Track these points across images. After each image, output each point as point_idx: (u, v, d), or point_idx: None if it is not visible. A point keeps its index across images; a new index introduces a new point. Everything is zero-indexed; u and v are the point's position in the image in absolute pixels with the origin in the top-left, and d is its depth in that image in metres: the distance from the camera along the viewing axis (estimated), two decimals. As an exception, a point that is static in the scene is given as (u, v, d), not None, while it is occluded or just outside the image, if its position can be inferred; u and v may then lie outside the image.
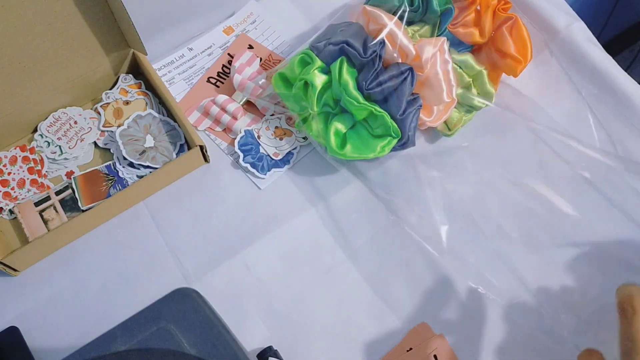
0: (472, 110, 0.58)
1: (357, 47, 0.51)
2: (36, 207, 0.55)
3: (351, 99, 0.51)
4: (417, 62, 0.52)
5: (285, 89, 0.56)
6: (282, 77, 0.56)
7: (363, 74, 0.52)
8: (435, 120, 0.55)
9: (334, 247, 0.54)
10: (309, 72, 0.52)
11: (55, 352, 0.48)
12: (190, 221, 0.56)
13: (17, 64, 0.53)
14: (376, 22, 0.52)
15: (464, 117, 0.58)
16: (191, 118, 0.60)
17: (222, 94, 0.61)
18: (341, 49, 0.52)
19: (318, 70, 0.53)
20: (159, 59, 0.64)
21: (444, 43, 0.53)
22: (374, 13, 0.52)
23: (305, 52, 0.54)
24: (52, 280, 0.53)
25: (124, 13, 0.52)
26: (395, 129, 0.52)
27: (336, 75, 0.52)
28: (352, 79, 0.52)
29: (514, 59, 0.56)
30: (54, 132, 0.58)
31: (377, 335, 0.51)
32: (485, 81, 0.56)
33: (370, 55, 0.51)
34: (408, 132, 0.52)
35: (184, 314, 0.43)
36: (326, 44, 0.52)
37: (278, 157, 0.58)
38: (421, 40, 0.53)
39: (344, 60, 0.52)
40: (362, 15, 0.54)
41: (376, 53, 0.51)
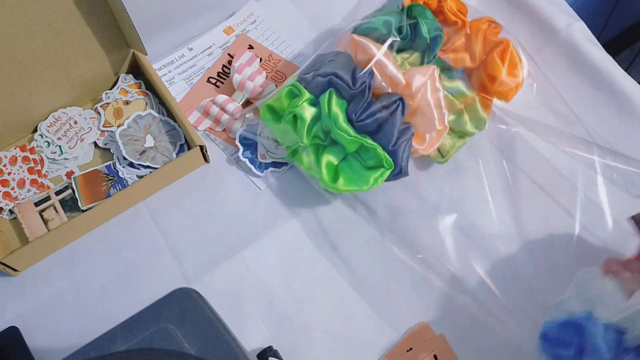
0: (464, 136, 0.56)
1: (345, 79, 0.50)
2: (36, 207, 0.55)
3: (341, 132, 0.50)
4: (407, 91, 0.51)
5: (274, 121, 0.54)
6: (270, 109, 0.55)
7: (353, 105, 0.51)
8: (427, 148, 0.54)
9: (334, 247, 0.54)
10: (297, 105, 0.51)
11: (55, 352, 0.48)
12: (190, 221, 0.56)
13: (17, 64, 0.53)
14: (364, 52, 0.52)
15: (457, 143, 0.56)
16: (191, 118, 0.60)
17: (222, 94, 0.61)
18: (329, 81, 0.51)
19: (307, 103, 0.52)
20: (159, 59, 0.64)
21: (435, 71, 0.52)
22: (362, 43, 0.52)
23: (294, 84, 0.53)
24: (52, 280, 0.53)
25: (124, 13, 0.52)
26: (388, 160, 0.51)
27: (325, 108, 0.51)
28: (341, 111, 0.51)
29: (505, 84, 0.55)
30: (54, 132, 0.58)
31: (377, 335, 0.51)
32: (478, 107, 0.55)
33: (359, 87, 0.50)
34: (401, 162, 0.51)
35: (184, 314, 0.43)
36: (314, 76, 0.51)
37: (264, 159, 0.58)
38: (411, 70, 0.52)
39: (332, 92, 0.51)
40: (350, 45, 0.53)
41: (365, 84, 0.50)
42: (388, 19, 0.54)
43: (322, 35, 0.66)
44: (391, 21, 0.54)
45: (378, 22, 0.54)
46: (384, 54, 0.51)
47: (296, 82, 0.53)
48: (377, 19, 0.55)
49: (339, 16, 0.67)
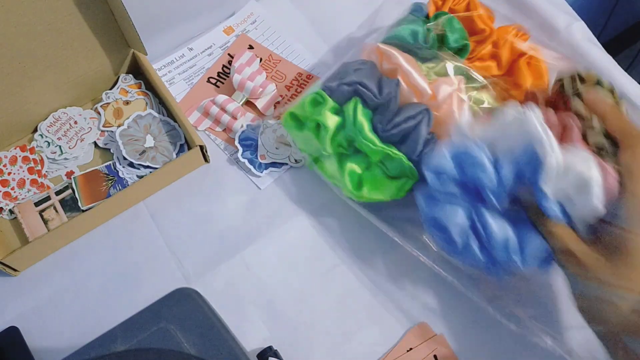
0: None
1: (371, 89, 0.50)
2: (36, 207, 0.55)
3: (367, 141, 0.49)
4: (433, 101, 0.50)
5: (296, 128, 0.54)
6: (293, 117, 0.54)
7: (378, 115, 0.50)
8: None
9: (334, 247, 0.54)
10: (321, 113, 0.51)
11: (55, 352, 0.48)
12: (190, 221, 0.56)
13: (17, 64, 0.53)
14: (390, 62, 0.51)
15: None
16: (191, 118, 0.60)
17: (222, 94, 0.61)
18: (355, 90, 0.50)
19: (331, 111, 0.51)
20: (159, 59, 0.64)
21: (461, 82, 0.52)
22: (388, 52, 0.51)
23: (318, 92, 0.52)
24: (52, 280, 0.53)
25: (124, 13, 0.52)
26: (413, 170, 0.50)
27: (350, 117, 0.50)
28: (367, 120, 0.50)
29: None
30: (54, 132, 0.58)
31: (377, 335, 0.51)
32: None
33: (385, 97, 0.50)
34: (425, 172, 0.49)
35: (184, 314, 0.43)
36: (339, 84, 0.51)
37: (264, 160, 0.58)
38: (438, 80, 0.52)
39: (358, 101, 0.50)
40: (375, 54, 0.53)
41: (392, 94, 0.50)
42: (415, 28, 0.54)
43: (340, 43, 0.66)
44: (418, 31, 0.54)
45: (405, 31, 0.54)
46: (410, 64, 0.51)
47: (320, 90, 0.52)
48: (404, 29, 0.54)
49: (339, 16, 0.67)
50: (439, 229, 0.46)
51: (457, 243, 0.45)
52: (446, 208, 0.45)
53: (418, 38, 0.54)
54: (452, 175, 0.45)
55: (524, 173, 0.43)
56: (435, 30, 0.54)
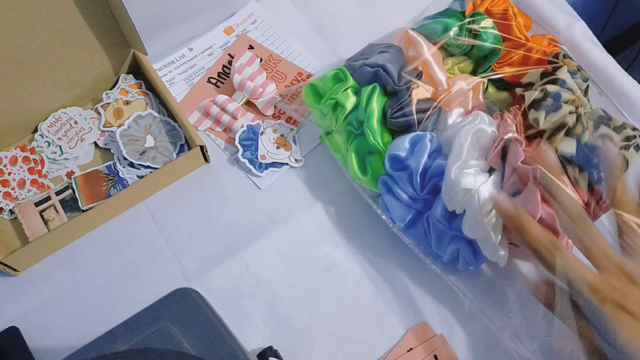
0: None
1: (392, 74, 0.50)
2: (36, 207, 0.55)
3: (370, 131, 0.50)
4: (446, 96, 0.51)
5: (315, 100, 0.55)
6: (313, 89, 0.55)
7: (392, 101, 0.51)
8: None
9: (334, 247, 0.54)
10: (340, 92, 0.52)
11: (55, 352, 0.48)
12: (190, 221, 0.56)
13: (17, 64, 0.53)
14: (415, 50, 0.52)
15: None
16: (191, 118, 0.60)
17: (222, 94, 0.61)
18: (376, 73, 0.51)
19: (351, 91, 0.52)
20: (159, 59, 0.64)
21: (481, 84, 0.52)
22: (416, 40, 0.52)
23: (341, 68, 0.53)
24: (52, 280, 0.53)
25: (124, 13, 0.52)
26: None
27: (364, 101, 0.51)
28: (379, 108, 0.51)
29: None
30: (54, 132, 0.58)
31: (377, 335, 0.51)
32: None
33: (403, 85, 0.50)
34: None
35: (184, 314, 0.43)
36: (362, 65, 0.52)
37: (264, 160, 0.58)
38: (457, 76, 0.52)
39: (376, 88, 0.51)
40: (404, 40, 0.53)
41: (410, 84, 0.50)
42: (449, 23, 0.55)
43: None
44: (450, 26, 0.54)
45: (438, 24, 0.55)
46: (434, 55, 0.51)
47: (343, 67, 0.53)
48: (438, 21, 0.55)
49: (339, 16, 0.67)
50: (387, 212, 0.52)
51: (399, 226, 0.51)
52: (392, 201, 0.51)
53: (449, 33, 0.54)
54: (402, 157, 0.49)
55: (435, 175, 0.48)
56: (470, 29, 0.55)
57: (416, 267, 0.53)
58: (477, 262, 0.49)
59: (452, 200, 0.47)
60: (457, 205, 0.46)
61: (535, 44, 0.56)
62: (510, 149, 0.46)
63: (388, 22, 0.67)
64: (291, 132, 0.59)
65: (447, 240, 0.49)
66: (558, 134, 0.48)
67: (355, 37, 0.66)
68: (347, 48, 0.65)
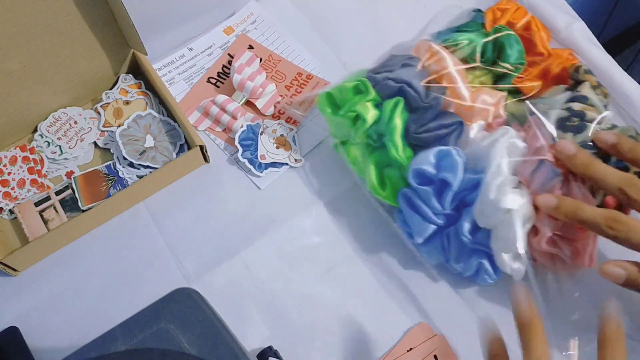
0: None
1: (419, 91, 0.50)
2: (36, 207, 0.55)
3: (392, 145, 0.50)
4: (469, 111, 0.51)
5: (331, 110, 0.54)
6: (330, 98, 0.54)
7: (416, 116, 0.50)
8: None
9: (334, 247, 0.54)
10: (360, 103, 0.51)
11: (55, 352, 0.48)
12: (190, 221, 0.56)
13: (17, 64, 0.53)
14: (439, 64, 0.51)
15: None
16: (191, 118, 0.60)
17: (222, 94, 0.61)
18: (401, 89, 0.50)
19: (371, 104, 0.51)
20: (159, 59, 0.64)
21: (502, 99, 0.52)
22: (440, 54, 0.51)
23: (362, 80, 0.52)
24: (52, 280, 0.53)
25: (124, 13, 0.52)
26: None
27: (386, 116, 0.50)
28: (402, 124, 0.50)
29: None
30: (54, 132, 0.58)
31: (377, 335, 0.51)
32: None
33: (430, 102, 0.50)
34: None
35: (184, 314, 0.43)
36: (385, 78, 0.51)
37: (264, 160, 0.57)
38: (480, 91, 0.52)
39: (400, 102, 0.50)
40: (425, 52, 0.53)
41: (436, 101, 0.50)
42: (473, 39, 0.54)
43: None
44: (476, 43, 0.54)
45: (462, 39, 0.54)
46: (458, 70, 0.51)
47: (365, 80, 0.52)
48: (462, 36, 0.55)
49: (339, 16, 0.67)
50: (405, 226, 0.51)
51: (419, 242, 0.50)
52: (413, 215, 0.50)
53: (475, 49, 0.54)
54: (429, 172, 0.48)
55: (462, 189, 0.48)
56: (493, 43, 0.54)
57: (416, 267, 0.53)
58: (497, 275, 0.49)
59: (486, 217, 0.46)
60: (492, 222, 0.46)
61: (556, 58, 0.55)
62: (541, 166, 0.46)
63: (388, 23, 0.67)
64: (291, 132, 0.59)
65: (468, 255, 0.49)
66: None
67: (355, 37, 0.66)
68: (347, 48, 0.65)
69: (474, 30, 0.57)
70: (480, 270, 0.49)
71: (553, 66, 0.56)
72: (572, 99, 0.50)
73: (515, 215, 0.44)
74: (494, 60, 0.55)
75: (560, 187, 0.46)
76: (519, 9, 0.59)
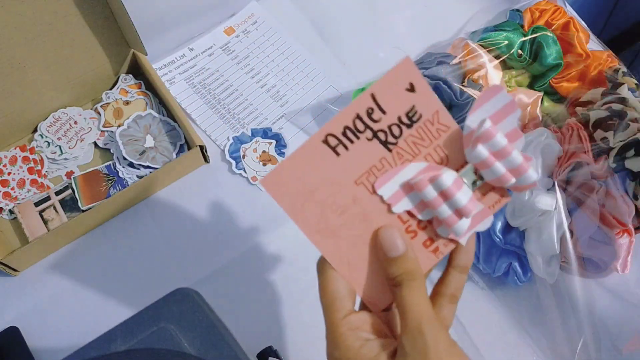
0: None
1: (454, 89, 0.50)
2: (36, 207, 0.55)
3: None
4: None
5: None
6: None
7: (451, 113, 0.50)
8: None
9: (334, 247, 0.54)
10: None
11: (55, 352, 0.48)
12: (190, 221, 0.56)
13: (17, 64, 0.53)
14: (475, 62, 0.51)
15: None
16: (384, 190, 0.34)
17: (348, 162, 0.33)
18: (436, 86, 0.51)
19: None
20: (159, 59, 0.64)
21: (539, 98, 0.52)
22: (477, 52, 0.51)
23: None
24: (52, 280, 0.53)
25: (124, 13, 0.52)
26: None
27: None
28: None
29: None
30: (54, 132, 0.58)
31: (377, 335, 0.51)
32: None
33: (464, 100, 0.50)
34: None
35: (184, 314, 0.43)
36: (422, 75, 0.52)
37: (256, 181, 0.57)
38: (517, 91, 0.52)
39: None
40: (462, 50, 0.53)
41: (471, 99, 0.50)
42: (511, 37, 0.54)
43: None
44: (514, 41, 0.54)
45: (500, 37, 0.54)
46: (495, 69, 0.51)
47: None
48: (499, 35, 0.55)
49: (340, 17, 0.67)
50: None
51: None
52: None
53: (512, 48, 0.54)
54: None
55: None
56: (532, 43, 0.54)
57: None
58: (525, 277, 0.49)
59: (519, 218, 0.46)
60: (527, 224, 0.46)
61: (595, 59, 0.55)
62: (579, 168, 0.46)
63: (388, 23, 0.67)
64: (271, 146, 0.59)
65: (496, 255, 0.49)
66: (628, 151, 0.47)
67: (355, 37, 0.66)
68: (347, 48, 0.65)
69: (513, 29, 0.56)
70: (509, 271, 0.49)
71: (591, 68, 0.56)
72: (611, 101, 0.50)
73: (551, 217, 0.44)
74: (531, 60, 0.54)
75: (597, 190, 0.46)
76: (558, 9, 0.59)
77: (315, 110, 0.61)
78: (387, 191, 0.34)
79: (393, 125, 0.33)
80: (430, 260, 0.34)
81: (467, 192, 0.33)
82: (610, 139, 0.48)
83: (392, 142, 0.33)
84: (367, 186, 0.34)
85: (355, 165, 0.33)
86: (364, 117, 0.33)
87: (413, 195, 0.34)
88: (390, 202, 0.34)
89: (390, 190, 0.34)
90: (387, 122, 0.33)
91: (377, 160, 0.33)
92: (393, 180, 0.34)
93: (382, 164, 0.34)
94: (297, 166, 0.33)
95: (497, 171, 0.32)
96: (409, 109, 0.33)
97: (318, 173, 0.33)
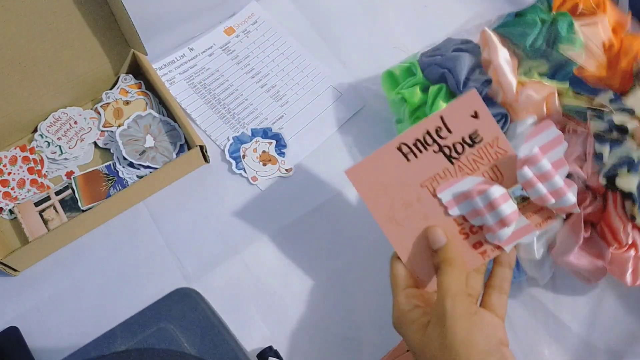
0: None
1: (458, 78, 0.50)
2: (36, 207, 0.55)
3: None
4: (515, 104, 0.50)
5: (391, 87, 0.57)
6: (390, 76, 0.57)
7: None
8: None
9: (334, 247, 0.54)
10: (408, 87, 0.53)
11: (55, 352, 0.48)
12: (190, 221, 0.56)
13: (17, 64, 0.53)
14: (489, 53, 0.50)
15: None
16: (443, 195, 0.41)
17: (415, 168, 0.40)
18: (443, 74, 0.51)
19: (419, 88, 0.53)
20: (160, 58, 0.64)
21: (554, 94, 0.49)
22: (492, 42, 0.50)
23: (413, 63, 0.54)
24: (52, 280, 0.53)
25: (124, 13, 0.52)
26: None
27: (430, 101, 0.52)
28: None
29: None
30: (54, 132, 0.58)
31: (377, 335, 0.51)
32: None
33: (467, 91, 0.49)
34: None
35: (184, 314, 0.43)
36: (431, 64, 0.52)
37: (256, 181, 0.57)
38: (527, 84, 0.50)
39: (443, 88, 0.51)
40: (481, 39, 0.52)
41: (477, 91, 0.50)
42: (526, 30, 0.52)
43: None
44: (527, 34, 0.52)
45: (515, 28, 0.53)
46: (507, 61, 0.50)
47: (416, 62, 0.54)
48: (516, 25, 0.53)
49: (339, 17, 0.67)
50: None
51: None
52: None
53: (526, 40, 0.51)
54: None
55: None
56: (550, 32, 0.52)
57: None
58: (520, 276, 0.49)
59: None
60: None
61: (626, 44, 0.51)
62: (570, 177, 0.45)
63: (388, 23, 0.67)
64: (271, 146, 0.59)
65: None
66: (620, 169, 0.45)
67: (355, 37, 0.66)
68: (347, 48, 0.65)
69: (535, 14, 0.54)
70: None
71: (622, 55, 0.51)
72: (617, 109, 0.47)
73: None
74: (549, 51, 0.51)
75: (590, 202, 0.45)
76: None
77: (315, 110, 0.62)
78: (446, 196, 0.40)
79: (457, 143, 0.40)
80: (478, 260, 0.41)
81: (512, 205, 0.39)
82: (605, 154, 0.45)
83: (454, 157, 0.40)
84: (430, 190, 0.40)
85: (422, 170, 0.40)
86: (433, 133, 0.40)
87: (467, 203, 0.40)
88: (447, 205, 0.40)
89: (448, 195, 0.40)
90: (452, 140, 0.40)
91: (440, 170, 0.40)
92: (452, 188, 0.40)
93: (445, 173, 0.40)
94: (375, 165, 0.40)
95: (539, 191, 0.38)
96: (473, 131, 0.40)
97: (391, 172, 0.40)
